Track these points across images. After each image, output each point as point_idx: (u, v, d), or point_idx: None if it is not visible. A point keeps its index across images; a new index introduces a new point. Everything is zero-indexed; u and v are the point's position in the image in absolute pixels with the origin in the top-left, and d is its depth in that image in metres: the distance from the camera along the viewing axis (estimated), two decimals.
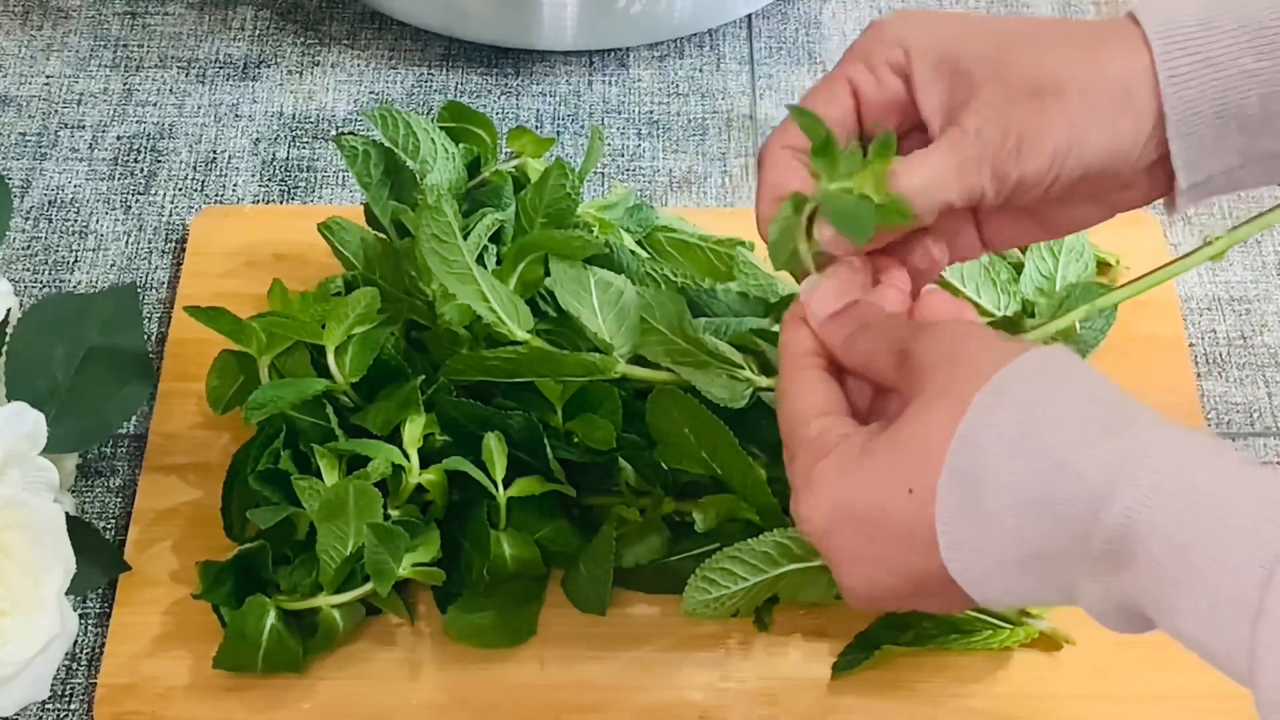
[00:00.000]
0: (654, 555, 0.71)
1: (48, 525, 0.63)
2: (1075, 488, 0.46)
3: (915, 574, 0.51)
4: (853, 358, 0.55)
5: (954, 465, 0.48)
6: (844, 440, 0.53)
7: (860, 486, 0.51)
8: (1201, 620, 0.44)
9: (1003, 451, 0.48)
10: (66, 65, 0.94)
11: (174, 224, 0.87)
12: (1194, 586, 0.44)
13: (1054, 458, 0.47)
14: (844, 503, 0.51)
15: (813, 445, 0.53)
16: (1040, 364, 0.50)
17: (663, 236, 0.79)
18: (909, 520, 0.50)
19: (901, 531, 0.50)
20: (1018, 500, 0.47)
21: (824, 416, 0.54)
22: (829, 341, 0.56)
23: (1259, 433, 0.80)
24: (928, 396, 0.50)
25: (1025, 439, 0.47)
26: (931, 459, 0.49)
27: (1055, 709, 0.70)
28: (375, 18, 0.97)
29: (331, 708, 0.69)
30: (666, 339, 0.68)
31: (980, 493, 0.48)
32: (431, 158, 0.75)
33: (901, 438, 0.50)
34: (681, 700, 0.70)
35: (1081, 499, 0.46)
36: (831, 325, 0.56)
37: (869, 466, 0.51)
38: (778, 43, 0.96)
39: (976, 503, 0.48)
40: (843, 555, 0.53)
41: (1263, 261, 0.86)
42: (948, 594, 0.51)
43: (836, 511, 0.52)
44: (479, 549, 0.69)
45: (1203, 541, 0.44)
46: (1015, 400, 0.48)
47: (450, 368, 0.70)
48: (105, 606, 0.73)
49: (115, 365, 0.73)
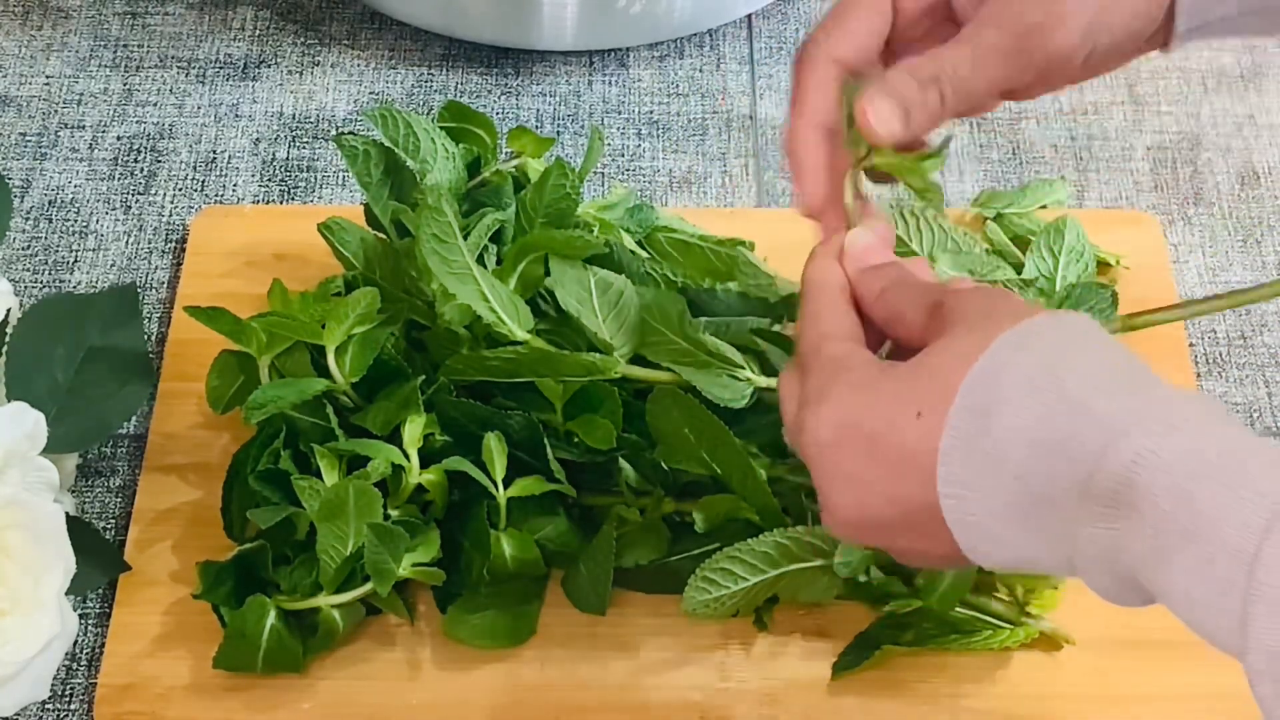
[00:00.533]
0: (654, 555, 0.71)
1: (48, 525, 0.63)
2: (1088, 430, 0.46)
3: (906, 504, 0.50)
4: (884, 308, 0.55)
5: (968, 394, 0.48)
6: (867, 363, 0.53)
7: (873, 404, 0.51)
8: (1196, 570, 0.43)
9: (1020, 388, 0.47)
10: (66, 65, 0.94)
11: (174, 224, 0.87)
12: (1193, 533, 0.43)
13: (1072, 399, 0.47)
14: (853, 417, 0.51)
15: (835, 362, 0.53)
16: (1070, 320, 0.50)
17: (663, 236, 0.79)
18: (912, 442, 0.49)
19: (903, 453, 0.50)
20: (1028, 437, 0.47)
21: (850, 341, 0.54)
22: (863, 289, 0.56)
23: (1259, 433, 0.80)
24: (956, 333, 0.50)
25: (1045, 380, 0.47)
26: (947, 385, 0.49)
27: (1055, 709, 0.70)
28: (375, 18, 0.97)
29: (331, 708, 0.69)
30: (666, 339, 0.68)
31: (990, 426, 0.47)
32: (431, 158, 0.75)
33: (922, 364, 0.50)
34: (681, 700, 0.70)
35: (1090, 440, 0.46)
36: (870, 274, 0.56)
37: (885, 388, 0.51)
38: (778, 43, 0.96)
39: (984, 435, 0.47)
40: (838, 473, 0.52)
41: (1263, 261, 0.87)
42: (932, 537, 0.50)
43: (844, 425, 0.51)
44: (479, 549, 0.69)
45: (1209, 490, 0.43)
46: (1041, 344, 0.48)
47: (450, 368, 0.70)
48: (105, 606, 0.73)
49: (115, 365, 0.73)
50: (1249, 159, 0.91)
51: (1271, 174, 0.90)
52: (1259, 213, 0.89)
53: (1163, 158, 0.91)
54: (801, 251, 0.80)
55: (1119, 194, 0.89)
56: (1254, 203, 0.89)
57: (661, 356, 0.68)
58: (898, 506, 0.51)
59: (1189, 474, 0.44)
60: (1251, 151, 0.91)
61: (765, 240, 0.80)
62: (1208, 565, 0.43)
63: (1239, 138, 0.92)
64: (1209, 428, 0.45)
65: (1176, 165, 0.90)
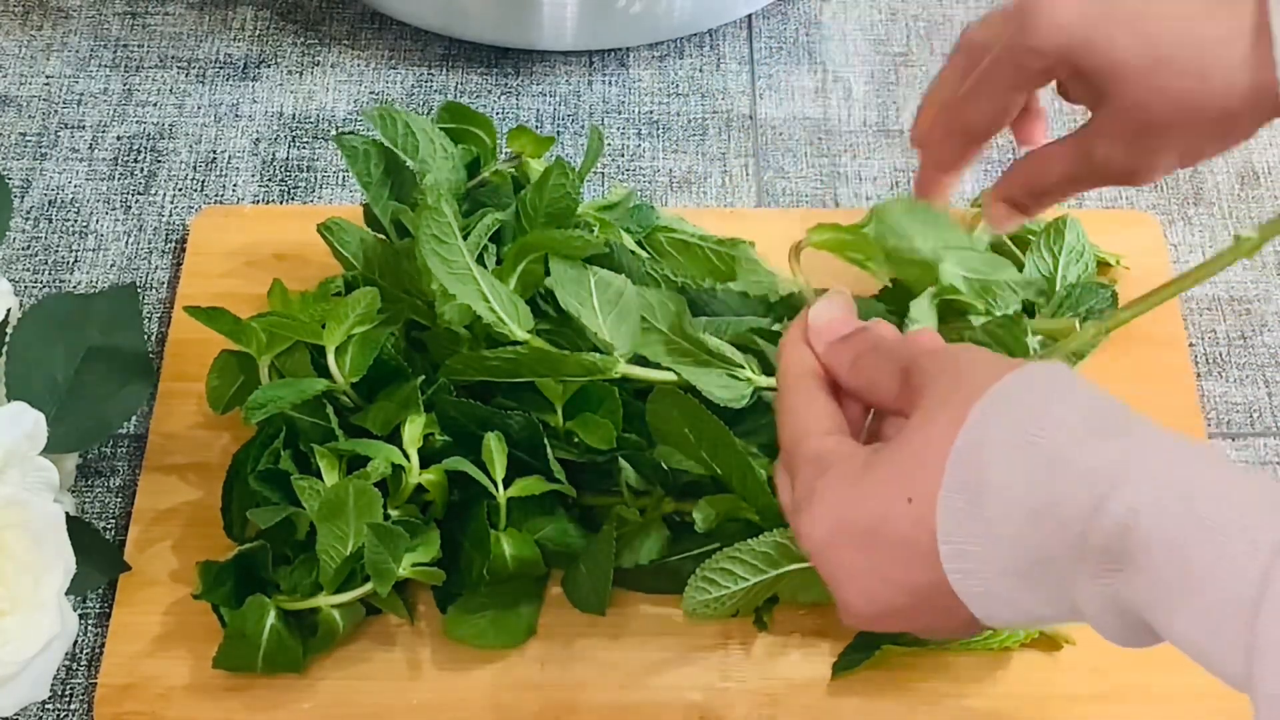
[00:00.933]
0: (654, 555, 0.71)
1: (48, 525, 0.63)
2: (1075, 487, 0.46)
3: (916, 588, 0.50)
4: (858, 379, 0.56)
5: (955, 471, 0.48)
6: (847, 457, 0.53)
7: (862, 499, 0.51)
8: (1199, 620, 0.44)
9: (1003, 455, 0.48)
10: (66, 65, 0.94)
11: (174, 224, 0.87)
12: (1191, 586, 0.44)
13: (1054, 457, 0.47)
14: (845, 515, 0.51)
15: (817, 460, 0.53)
16: (1040, 374, 0.50)
17: (663, 236, 0.79)
18: (909, 530, 0.49)
19: (902, 542, 0.50)
20: (1019, 504, 0.47)
21: (828, 435, 0.54)
22: (834, 364, 0.57)
23: (1259, 433, 0.80)
24: (929, 408, 0.50)
25: (1025, 441, 0.47)
26: (931, 466, 0.49)
27: (1055, 709, 0.70)
28: (375, 18, 0.97)
29: (331, 708, 0.69)
30: (666, 339, 0.68)
31: (982, 498, 0.48)
32: (431, 158, 0.75)
33: (903, 448, 0.50)
34: (681, 700, 0.70)
35: (1081, 498, 0.46)
36: (839, 348, 0.57)
37: (870, 479, 0.51)
38: (778, 43, 0.96)
39: (978, 509, 0.48)
40: (842, 570, 0.52)
41: (1263, 261, 0.87)
42: (950, 612, 0.50)
43: (838, 524, 0.51)
44: (479, 549, 0.69)
45: (1200, 540, 0.44)
46: (1016, 405, 0.49)
47: (450, 368, 0.70)
48: (105, 606, 0.73)
49: (115, 365, 0.73)
50: (1249, 159, 0.91)
51: (1271, 174, 0.90)
52: (1259, 213, 0.89)
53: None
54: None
55: (1119, 194, 0.89)
56: (1254, 203, 0.89)
57: (661, 356, 0.68)
58: (908, 590, 0.51)
59: (1179, 527, 0.44)
60: (1251, 151, 0.91)
61: (765, 240, 0.80)
62: (1207, 617, 0.44)
63: None
64: (1194, 472, 0.45)
65: None
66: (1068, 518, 0.46)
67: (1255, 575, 0.42)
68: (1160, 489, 0.45)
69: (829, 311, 0.58)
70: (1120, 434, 0.47)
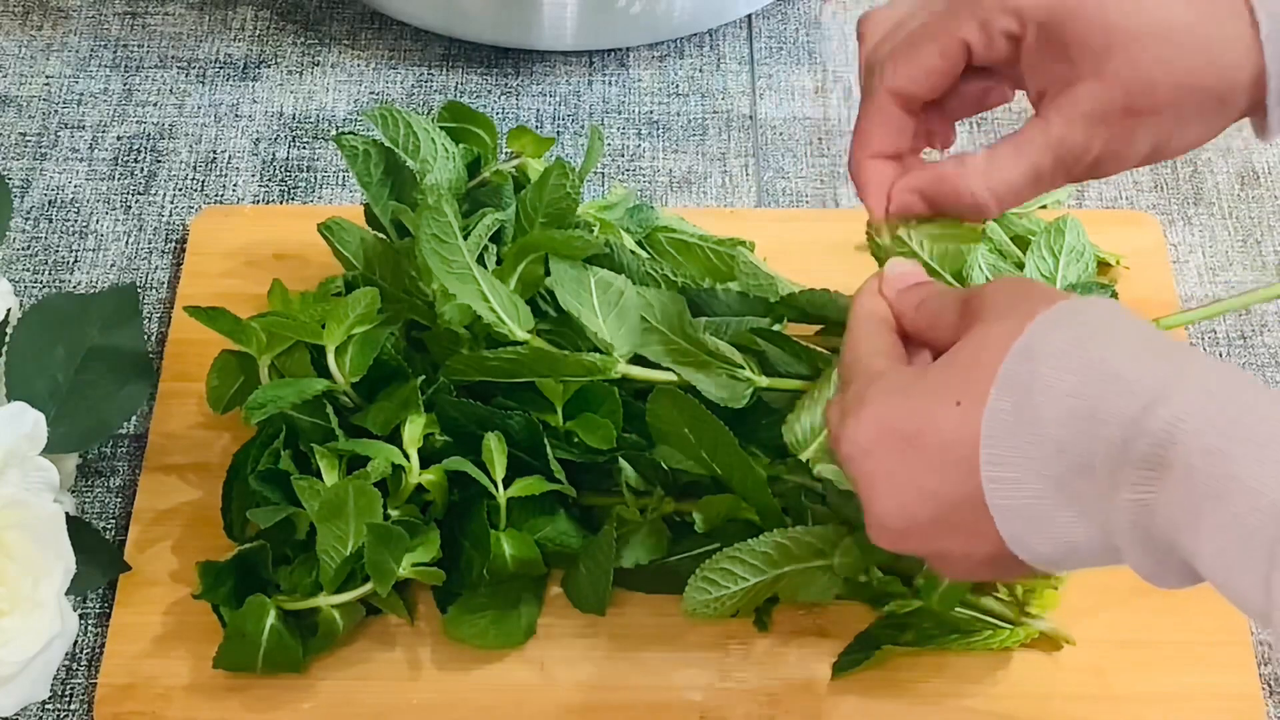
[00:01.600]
0: (654, 555, 0.71)
1: (48, 525, 0.63)
2: (1124, 398, 0.46)
3: (949, 499, 0.50)
4: (923, 317, 0.57)
5: (1007, 375, 0.49)
6: (903, 370, 0.54)
7: (910, 402, 0.51)
8: (1227, 529, 0.44)
9: (1056, 360, 0.48)
10: (66, 65, 0.94)
11: (174, 224, 0.87)
12: (1226, 491, 0.44)
13: (1108, 369, 0.47)
14: (891, 419, 0.51)
15: (873, 371, 0.54)
16: (1102, 302, 0.51)
17: (663, 236, 0.79)
18: (952, 433, 0.50)
19: (943, 445, 0.50)
20: (1065, 406, 0.47)
21: (891, 358, 0.55)
22: (903, 305, 0.58)
23: None
24: (987, 321, 0.51)
25: (1082, 353, 0.48)
26: (984, 371, 0.49)
27: (1055, 709, 0.70)
28: (375, 18, 0.97)
29: (331, 708, 0.69)
30: (666, 339, 0.68)
31: (1029, 400, 0.48)
32: (431, 158, 0.75)
33: (957, 356, 0.51)
34: (681, 700, 0.70)
35: (1127, 405, 0.46)
36: (908, 294, 0.58)
37: (921, 386, 0.51)
38: (778, 43, 0.96)
39: (1023, 411, 0.48)
40: (878, 477, 0.52)
41: (1263, 261, 0.87)
42: (977, 534, 0.50)
43: (881, 428, 0.52)
44: (479, 549, 0.69)
45: (1242, 450, 0.44)
46: (1075, 321, 0.49)
47: (450, 368, 0.70)
48: (105, 606, 0.73)
49: (115, 365, 0.73)
50: (1249, 159, 0.91)
51: (1271, 174, 0.90)
52: (1259, 213, 0.89)
53: None
54: (801, 251, 0.80)
55: (1119, 194, 0.89)
56: (1254, 203, 0.89)
57: (661, 356, 0.68)
58: (940, 503, 0.51)
59: (1223, 434, 0.44)
60: (1251, 151, 0.91)
61: (765, 240, 0.80)
62: (1238, 522, 0.43)
63: (1239, 138, 0.92)
64: (1244, 393, 0.46)
65: (1176, 165, 0.90)
66: (1112, 423, 0.46)
67: None
68: (1207, 402, 0.45)
69: (902, 265, 0.59)
70: (1176, 356, 0.48)
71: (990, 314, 0.52)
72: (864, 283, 0.60)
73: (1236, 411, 0.45)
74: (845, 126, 0.92)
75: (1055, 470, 0.48)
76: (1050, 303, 0.50)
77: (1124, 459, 0.46)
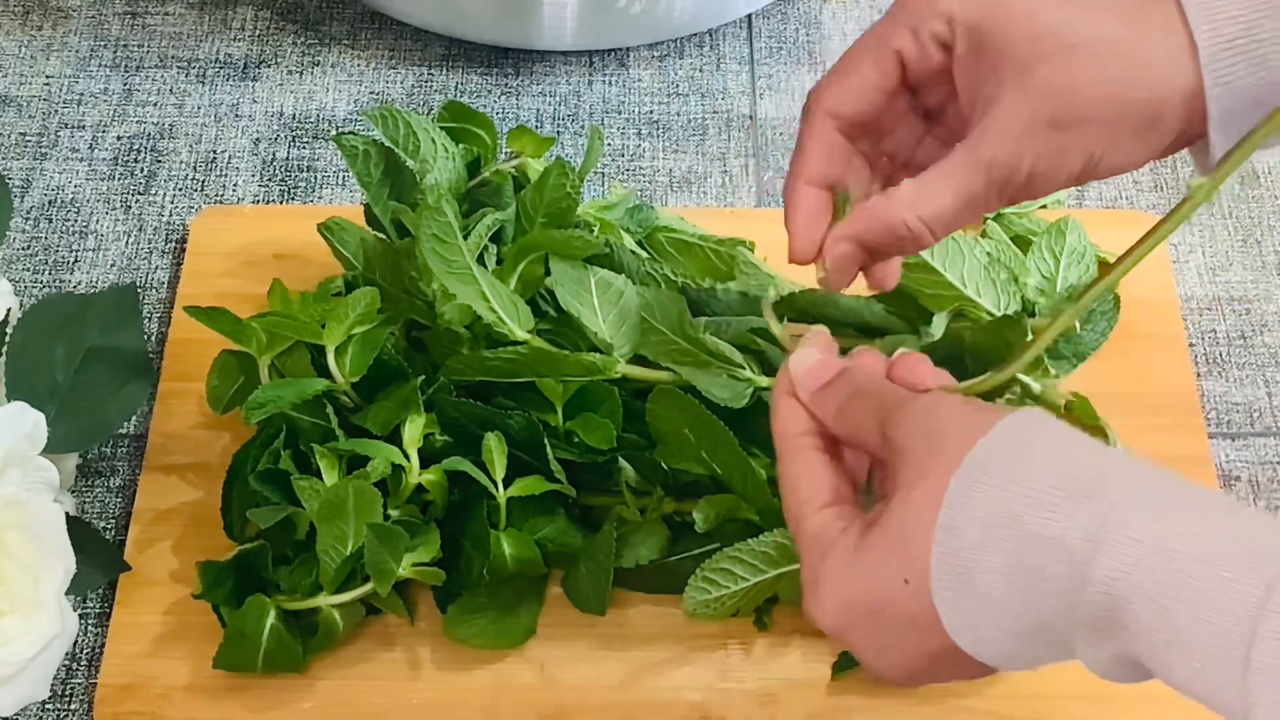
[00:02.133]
0: (654, 555, 0.71)
1: (48, 525, 0.63)
2: (1058, 562, 0.46)
3: (935, 654, 0.51)
4: (844, 426, 0.55)
5: (941, 557, 0.49)
6: (843, 534, 0.53)
7: (862, 581, 0.51)
8: (1195, 677, 0.44)
9: (984, 535, 0.48)
10: (66, 65, 0.94)
11: (174, 224, 0.87)
12: (1182, 646, 0.44)
13: (1033, 533, 0.47)
14: (850, 599, 0.52)
15: (816, 542, 0.54)
16: (1010, 435, 0.50)
17: (663, 236, 0.79)
18: (912, 609, 0.50)
19: (910, 620, 0.50)
20: (1008, 583, 0.48)
21: (824, 509, 0.54)
22: (822, 413, 0.56)
23: (1259, 433, 0.80)
24: (908, 481, 0.50)
25: (1004, 519, 0.48)
26: (919, 546, 0.49)
27: (1055, 709, 0.70)
28: (375, 18, 0.97)
29: (331, 708, 0.69)
30: (666, 339, 0.68)
31: (971, 577, 0.48)
32: (431, 157, 0.75)
33: (890, 529, 0.50)
34: (681, 700, 0.70)
35: (1065, 572, 0.46)
36: (823, 396, 0.56)
37: (866, 562, 0.51)
38: (778, 43, 0.96)
39: (969, 587, 0.48)
40: (863, 647, 0.53)
41: (1263, 261, 0.87)
42: (967, 665, 0.51)
43: (845, 608, 0.52)
44: (479, 549, 0.69)
45: (1184, 602, 0.44)
46: (990, 479, 0.48)
47: (450, 368, 0.70)
48: (105, 606, 0.73)
49: (115, 365, 0.73)
50: (1249, 159, 0.91)
51: (1271, 174, 0.90)
52: (1259, 213, 0.89)
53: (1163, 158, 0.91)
54: None
55: (1119, 194, 0.89)
56: (1254, 203, 0.89)
57: (661, 356, 0.68)
58: (927, 657, 0.52)
59: (1160, 588, 0.44)
60: None
61: (765, 240, 0.80)
62: (1203, 675, 0.44)
63: None
64: (1171, 524, 0.45)
65: (1176, 165, 0.90)
66: (1056, 592, 0.47)
67: (1239, 632, 0.43)
68: (1139, 550, 0.45)
69: (808, 359, 0.57)
70: (1096, 493, 0.47)
71: (910, 467, 0.51)
72: (775, 383, 0.58)
73: (1168, 553, 0.45)
74: None
75: (1015, 628, 0.48)
76: (964, 445, 0.49)
77: (1076, 620, 0.47)
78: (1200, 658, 0.44)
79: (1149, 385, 0.79)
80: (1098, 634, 0.47)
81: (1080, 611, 0.46)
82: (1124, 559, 0.45)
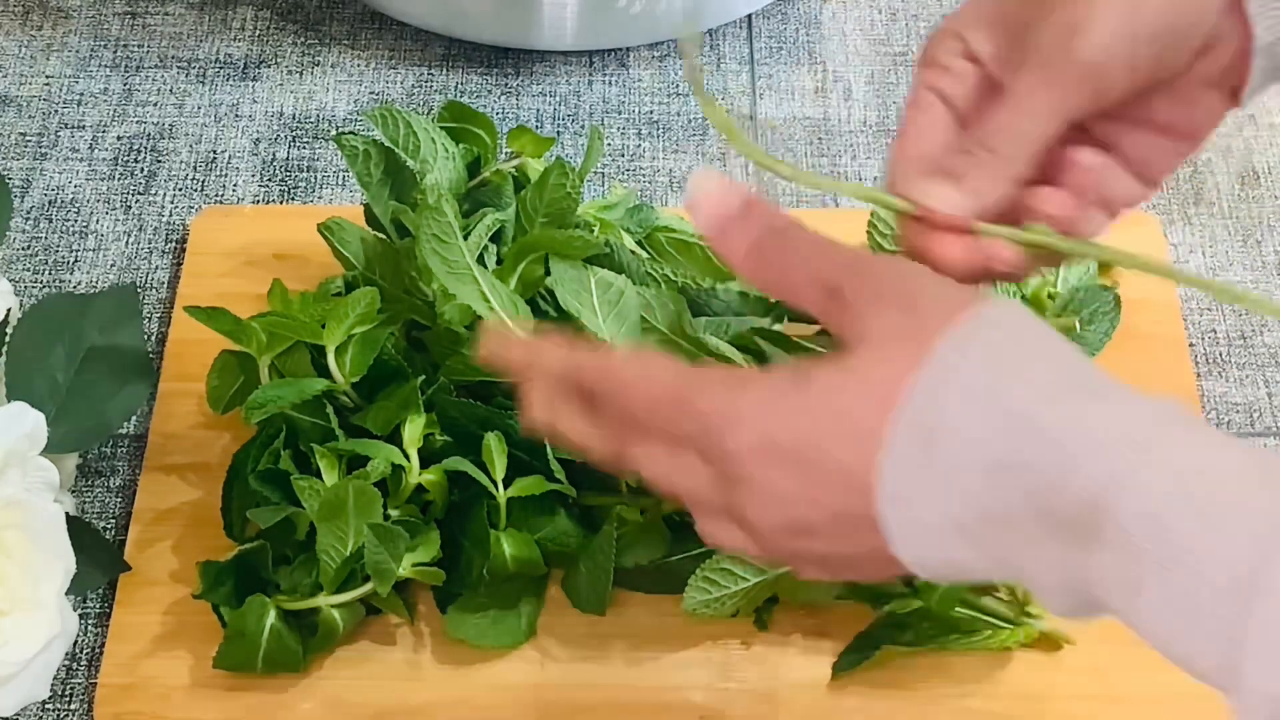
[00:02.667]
0: (654, 555, 0.71)
1: (48, 525, 0.63)
2: (1046, 452, 0.42)
3: (842, 514, 0.46)
4: (763, 273, 0.49)
5: (911, 411, 0.44)
6: (765, 374, 0.47)
7: (793, 417, 0.46)
8: (1172, 603, 0.40)
9: (968, 401, 0.43)
10: (66, 65, 0.94)
11: (174, 224, 0.87)
12: (1169, 564, 0.40)
13: (1026, 415, 0.42)
14: (772, 432, 0.46)
15: (726, 380, 0.47)
16: (1008, 315, 0.46)
17: (663, 236, 0.79)
18: (845, 459, 0.45)
19: (835, 468, 0.45)
20: (979, 458, 0.43)
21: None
22: (729, 251, 0.49)
23: (1259, 433, 0.80)
24: (882, 336, 0.46)
25: (995, 392, 0.43)
26: (882, 401, 0.44)
27: (1055, 709, 0.70)
28: (375, 18, 0.97)
29: (331, 708, 0.69)
30: (666, 339, 0.68)
31: (936, 444, 0.43)
32: (431, 157, 0.75)
33: (848, 374, 0.45)
34: (681, 700, 0.70)
35: (1050, 464, 0.42)
36: (730, 229, 0.49)
37: (803, 397, 0.46)
38: (778, 43, 0.96)
39: (930, 457, 0.43)
40: (762, 493, 0.47)
41: (1263, 261, 0.87)
42: (868, 547, 0.46)
43: (766, 444, 0.46)
44: (479, 549, 0.69)
45: (1188, 518, 0.40)
46: (982, 350, 0.44)
47: (450, 368, 0.70)
48: (105, 606, 0.73)
49: (115, 365, 0.73)
50: (1249, 159, 0.91)
51: (1271, 174, 0.90)
52: (1259, 213, 0.89)
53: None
54: None
55: None
56: (1254, 203, 0.89)
57: None
58: (831, 515, 0.46)
59: (1163, 500, 0.40)
60: (1251, 151, 0.91)
61: None
62: (1184, 599, 0.40)
63: (1239, 138, 0.92)
64: (1179, 441, 0.42)
65: None
66: (1033, 483, 0.42)
67: (1249, 557, 0.39)
68: (1141, 458, 0.41)
69: (708, 183, 0.49)
70: (1096, 395, 0.43)
71: (881, 327, 0.46)
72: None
73: (1175, 467, 0.41)
74: (845, 126, 0.92)
75: (963, 518, 0.44)
76: (948, 318, 0.45)
77: (1047, 522, 0.42)
78: (1188, 579, 0.40)
79: (1149, 385, 0.78)
80: (1064, 545, 0.42)
81: (1056, 510, 0.42)
82: (1121, 462, 0.41)
